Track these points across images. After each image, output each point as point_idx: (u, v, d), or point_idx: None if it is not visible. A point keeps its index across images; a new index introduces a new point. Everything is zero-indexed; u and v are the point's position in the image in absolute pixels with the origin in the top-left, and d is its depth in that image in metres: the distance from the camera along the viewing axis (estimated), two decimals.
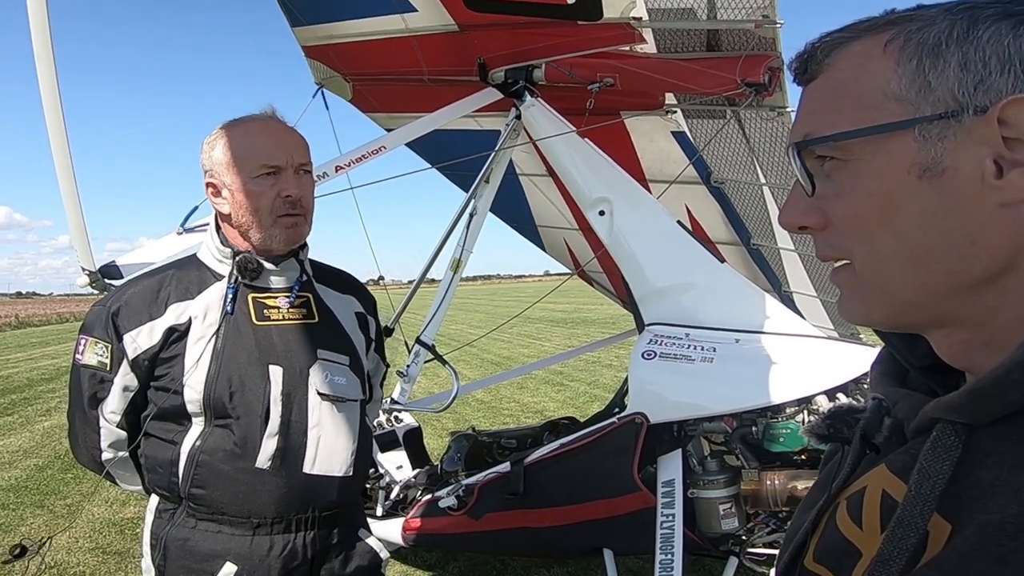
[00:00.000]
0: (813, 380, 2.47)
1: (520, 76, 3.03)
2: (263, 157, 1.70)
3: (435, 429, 7.22)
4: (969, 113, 0.54)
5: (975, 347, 0.58)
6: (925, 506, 0.52)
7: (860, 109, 0.58)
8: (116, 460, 1.80)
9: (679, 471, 2.55)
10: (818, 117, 0.61)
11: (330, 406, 1.74)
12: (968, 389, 0.53)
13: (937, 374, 0.65)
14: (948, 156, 0.54)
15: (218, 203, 1.76)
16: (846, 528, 0.62)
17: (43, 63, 1.99)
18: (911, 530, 0.52)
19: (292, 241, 1.76)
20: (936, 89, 0.55)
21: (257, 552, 1.68)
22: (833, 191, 0.61)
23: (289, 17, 3.22)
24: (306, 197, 1.76)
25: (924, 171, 0.55)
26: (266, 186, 1.70)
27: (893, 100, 0.57)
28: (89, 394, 1.74)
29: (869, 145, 0.57)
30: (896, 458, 0.60)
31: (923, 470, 0.53)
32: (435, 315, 3.21)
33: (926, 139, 0.55)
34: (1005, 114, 0.53)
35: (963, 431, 0.53)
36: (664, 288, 2.77)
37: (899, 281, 0.58)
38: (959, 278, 0.56)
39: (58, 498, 5.82)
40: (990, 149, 0.53)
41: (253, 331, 1.71)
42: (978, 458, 0.52)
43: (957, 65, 0.54)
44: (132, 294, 1.74)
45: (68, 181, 2.09)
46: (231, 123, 1.77)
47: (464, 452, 3.46)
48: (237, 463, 1.66)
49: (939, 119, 0.55)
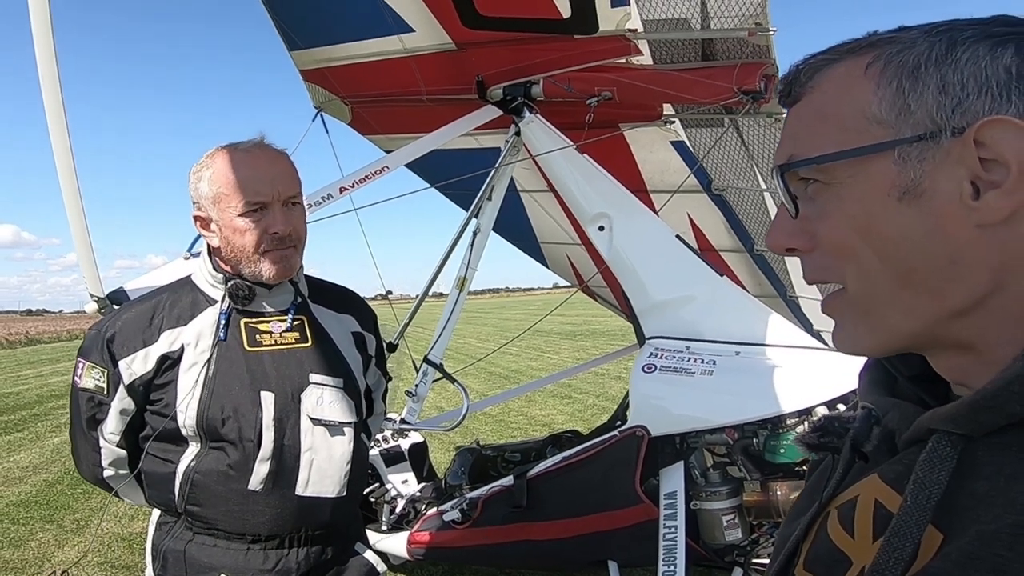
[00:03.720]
0: (814, 391, 2.47)
1: (518, 92, 3.06)
2: (248, 194, 1.66)
3: (441, 443, 7.22)
4: (947, 135, 0.54)
5: (968, 366, 0.59)
6: (921, 516, 0.52)
7: (842, 132, 0.59)
8: (117, 476, 1.83)
9: (681, 483, 2.56)
10: (801, 139, 0.62)
11: (323, 430, 1.75)
12: (967, 401, 0.53)
13: (926, 383, 0.65)
14: (927, 178, 0.55)
15: (207, 236, 1.76)
16: (837, 537, 0.63)
17: (48, 85, 1.99)
18: (907, 540, 0.52)
19: (282, 275, 1.74)
20: (915, 111, 0.56)
21: (251, 566, 1.70)
22: (817, 213, 0.61)
23: (287, 41, 3.26)
24: (296, 230, 1.73)
25: (904, 193, 0.56)
26: (252, 223, 1.67)
27: (874, 123, 0.57)
28: (88, 416, 1.76)
29: (850, 167, 0.58)
30: (889, 468, 0.60)
31: (919, 480, 0.53)
32: (442, 333, 3.22)
33: (905, 161, 0.56)
34: (981, 135, 0.53)
35: (959, 442, 0.53)
36: (664, 302, 2.79)
37: (887, 303, 0.59)
38: (944, 300, 0.56)
39: (67, 513, 5.84)
40: (967, 170, 0.54)
41: (245, 357, 1.71)
42: (973, 469, 0.52)
43: (936, 87, 0.55)
44: (126, 320, 1.74)
45: (76, 211, 2.11)
46: (217, 152, 1.73)
47: (468, 466, 3.48)
48: (230, 484, 1.68)
49: (918, 141, 0.55)
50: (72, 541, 5.15)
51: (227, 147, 1.74)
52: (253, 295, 1.74)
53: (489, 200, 3.28)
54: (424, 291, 3.49)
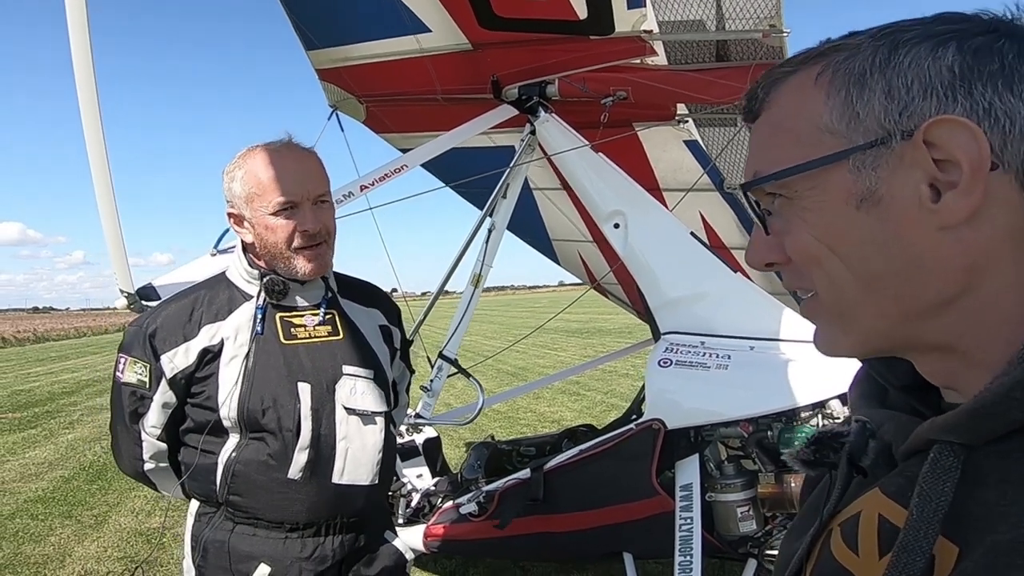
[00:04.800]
0: (827, 385, 2.51)
1: (534, 92, 3.10)
2: (279, 193, 1.73)
3: (452, 440, 7.27)
4: (897, 139, 0.54)
5: (954, 368, 0.58)
6: (929, 529, 0.51)
7: (797, 145, 0.59)
8: (157, 469, 1.88)
9: (696, 475, 2.60)
10: (762, 156, 0.62)
11: (357, 419, 1.81)
12: (966, 409, 0.52)
13: (917, 392, 0.65)
14: (883, 184, 0.55)
15: (241, 232, 1.83)
16: (841, 555, 0.61)
17: (84, 85, 2.04)
18: (916, 555, 0.51)
19: (317, 272, 1.80)
20: (864, 119, 0.56)
21: (289, 554, 1.76)
22: (784, 227, 0.62)
23: (304, 40, 3.30)
24: (326, 226, 1.80)
25: (861, 201, 0.56)
26: (283, 222, 1.74)
27: (827, 133, 0.57)
28: (130, 410, 1.81)
29: (809, 180, 0.58)
30: (890, 481, 0.60)
31: (924, 493, 0.52)
32: (457, 329, 3.27)
33: (860, 169, 0.56)
34: (930, 136, 0.53)
35: (961, 451, 0.53)
36: (679, 298, 2.83)
37: (857, 308, 0.59)
38: (912, 303, 0.56)
39: (85, 508, 5.92)
40: (924, 173, 0.54)
41: (281, 350, 1.78)
42: (979, 478, 0.52)
43: (882, 93, 0.55)
44: (167, 315, 1.80)
45: (109, 207, 2.16)
46: (248, 152, 1.79)
47: (484, 460, 3.52)
48: (271, 474, 1.74)
49: (870, 147, 0.55)
50: (91, 536, 5.22)
51: (258, 147, 1.80)
52: (287, 290, 1.80)
53: (504, 198, 3.32)
54: (440, 287, 3.54)
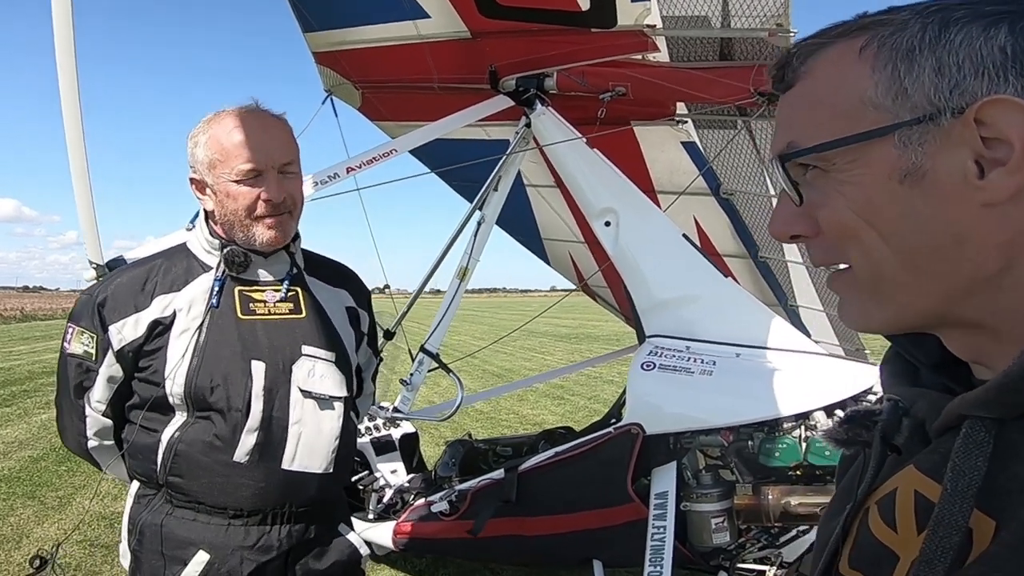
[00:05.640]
0: (812, 396, 2.46)
1: (531, 84, 3.04)
2: (241, 160, 1.65)
3: (432, 437, 7.19)
4: (947, 116, 0.54)
5: (983, 343, 0.59)
6: (964, 504, 0.51)
7: (839, 118, 0.59)
8: (102, 447, 1.79)
9: (673, 483, 2.54)
10: (798, 126, 0.62)
11: (313, 403, 1.73)
12: (994, 384, 0.53)
13: (948, 369, 0.65)
14: (928, 160, 0.55)
15: (202, 199, 1.75)
16: (880, 532, 0.62)
17: (64, 58, 1.99)
18: (952, 529, 0.51)
19: (276, 241, 1.72)
20: (913, 95, 0.56)
21: (231, 542, 1.67)
22: (819, 199, 0.61)
23: (302, 22, 3.23)
24: (291, 196, 1.71)
25: (905, 176, 0.56)
26: (246, 189, 1.66)
27: (871, 107, 0.57)
28: (75, 383, 1.73)
29: (850, 153, 0.58)
30: (925, 458, 0.60)
31: (957, 467, 0.52)
32: (440, 323, 3.19)
33: (906, 145, 0.56)
34: (982, 115, 0.53)
35: (992, 426, 0.53)
36: (667, 300, 2.77)
37: (894, 284, 0.59)
38: (952, 279, 0.56)
39: (50, 490, 5.80)
40: (970, 150, 0.54)
41: (237, 325, 1.69)
42: (1011, 451, 0.52)
43: (931, 70, 0.55)
44: (119, 284, 1.72)
45: (81, 173, 2.08)
46: (213, 117, 1.71)
47: (459, 458, 3.45)
48: (215, 455, 1.65)
49: (917, 123, 0.55)
50: (52, 518, 5.11)
51: (224, 112, 1.72)
52: (249, 262, 1.72)
53: (495, 191, 3.25)
54: (426, 277, 3.45)
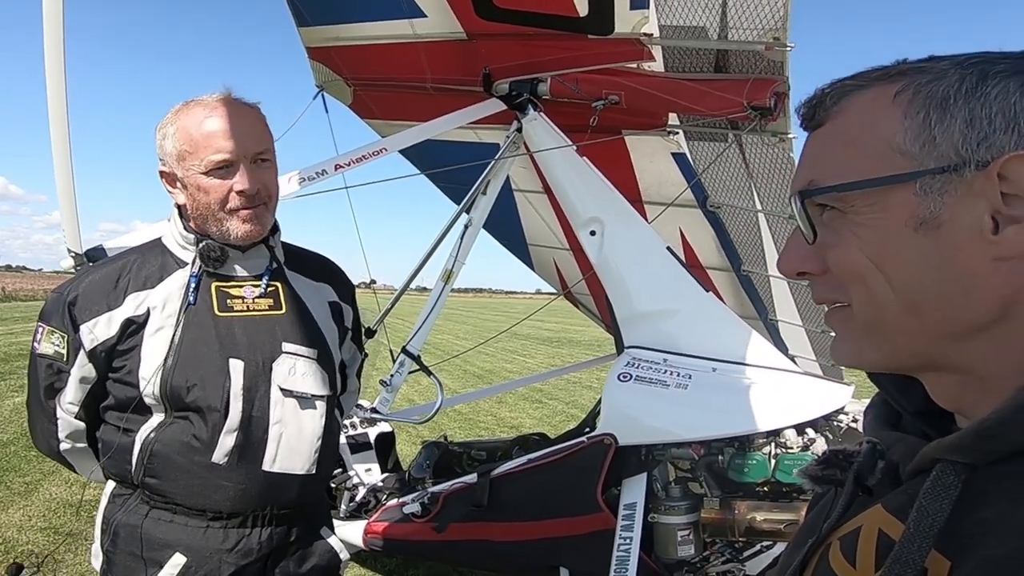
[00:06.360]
0: (784, 414, 2.48)
1: (525, 89, 3.03)
2: (211, 152, 1.59)
3: (409, 436, 7.16)
4: (971, 168, 0.54)
5: (967, 391, 0.59)
6: (923, 543, 0.52)
7: (864, 159, 0.59)
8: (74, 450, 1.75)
9: (642, 495, 2.55)
10: (822, 165, 0.62)
11: (294, 402, 1.68)
12: (972, 430, 0.54)
13: (930, 418, 0.66)
14: (947, 210, 0.55)
15: (173, 193, 1.69)
16: (839, 567, 0.62)
17: (51, 44, 1.96)
18: (908, 567, 0.51)
19: (251, 235, 1.66)
20: (940, 144, 0.56)
21: (209, 545, 1.63)
22: (832, 239, 0.61)
23: (296, 16, 3.21)
24: (266, 187, 1.65)
25: (921, 223, 0.56)
26: (217, 182, 1.60)
27: (897, 153, 0.57)
28: (46, 384, 1.68)
29: (870, 196, 0.58)
30: (893, 498, 0.61)
31: (922, 508, 0.53)
32: (423, 325, 3.16)
33: (926, 193, 0.56)
34: (1005, 170, 0.53)
35: (964, 470, 0.54)
36: (647, 312, 2.78)
37: (893, 326, 0.59)
38: (951, 326, 0.57)
39: (16, 475, 5.70)
40: (988, 204, 0.54)
41: (214, 323, 1.64)
42: (979, 496, 0.53)
43: (963, 121, 0.55)
44: (91, 282, 1.66)
45: (63, 158, 2.02)
46: (181, 107, 1.65)
47: (433, 460, 3.45)
48: (193, 456, 1.61)
49: (941, 172, 0.55)
50: (17, 504, 5.03)
51: (193, 102, 1.66)
52: (225, 257, 1.67)
53: (483, 195, 3.24)
54: (409, 277, 3.43)
